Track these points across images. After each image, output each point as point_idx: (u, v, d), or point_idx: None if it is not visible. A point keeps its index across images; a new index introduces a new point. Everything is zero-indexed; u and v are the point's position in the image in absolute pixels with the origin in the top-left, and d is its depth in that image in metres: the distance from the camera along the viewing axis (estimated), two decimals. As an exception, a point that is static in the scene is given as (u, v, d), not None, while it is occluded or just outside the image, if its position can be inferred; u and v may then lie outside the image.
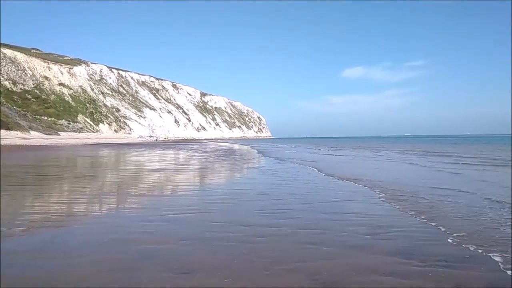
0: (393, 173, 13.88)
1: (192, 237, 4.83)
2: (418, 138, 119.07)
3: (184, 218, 6.01)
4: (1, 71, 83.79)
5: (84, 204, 7.23)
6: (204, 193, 9.14)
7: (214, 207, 6.93)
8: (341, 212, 6.51)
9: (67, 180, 11.76)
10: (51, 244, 4.52)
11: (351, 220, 5.89)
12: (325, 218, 6.03)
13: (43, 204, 7.34)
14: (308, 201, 7.68)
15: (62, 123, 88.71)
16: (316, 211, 6.64)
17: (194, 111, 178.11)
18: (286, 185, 10.28)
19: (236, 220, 5.84)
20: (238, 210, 6.76)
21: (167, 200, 7.88)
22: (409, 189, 8.82)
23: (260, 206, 7.06)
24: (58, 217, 6.12)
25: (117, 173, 14.14)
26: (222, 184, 11.43)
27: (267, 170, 15.15)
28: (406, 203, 7.21)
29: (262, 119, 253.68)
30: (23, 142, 48.60)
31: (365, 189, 9.22)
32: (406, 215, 6.22)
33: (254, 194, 8.61)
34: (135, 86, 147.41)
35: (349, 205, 7.22)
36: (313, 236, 4.90)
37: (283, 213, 6.41)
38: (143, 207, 6.98)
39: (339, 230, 5.25)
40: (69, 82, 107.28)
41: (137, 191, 9.34)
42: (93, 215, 6.29)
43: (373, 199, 7.75)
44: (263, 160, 22.29)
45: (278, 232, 5.11)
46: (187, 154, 28.80)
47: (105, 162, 21.94)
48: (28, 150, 32.87)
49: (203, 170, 15.87)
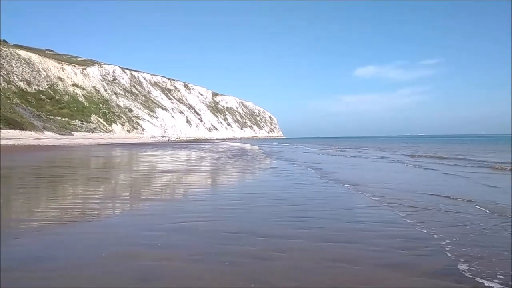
0: (417, 179, 13.11)
1: (202, 251, 4.23)
2: (432, 138, 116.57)
3: (194, 227, 5.41)
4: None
5: (86, 210, 6.70)
6: (215, 197, 8.55)
7: (226, 214, 6.34)
8: (368, 221, 5.84)
9: (71, 182, 11.32)
10: (41, 257, 3.98)
11: (382, 231, 5.22)
12: (352, 228, 5.37)
13: (42, 209, 6.84)
14: (329, 207, 7.03)
15: (76, 123, 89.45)
16: (340, 219, 5.98)
17: (205, 111, 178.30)
18: (302, 188, 9.63)
19: (250, 229, 5.22)
20: (253, 217, 6.14)
21: (176, 206, 7.31)
22: (430, 198, 8.09)
23: (276, 213, 6.43)
24: (55, 224, 5.59)
25: (125, 175, 13.67)
26: (234, 187, 10.83)
27: (281, 171, 14.50)
28: (431, 211, 6.50)
29: (273, 119, 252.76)
30: (36, 142, 48.88)
31: (389, 192, 8.52)
32: (439, 224, 5.51)
33: (269, 199, 7.99)
34: (148, 87, 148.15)
35: (376, 212, 6.54)
36: (341, 251, 4.25)
37: (303, 221, 5.77)
38: (149, 214, 6.42)
39: (370, 243, 4.59)
40: (82, 82, 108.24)
41: (144, 195, 8.80)
42: (94, 223, 5.74)
43: (400, 206, 7.05)
44: (276, 161, 21.64)
45: (300, 245, 4.48)
46: (199, 155, 28.32)
47: (115, 163, 21.58)
48: (40, 150, 32.84)
49: (214, 171, 15.31)
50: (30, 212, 6.58)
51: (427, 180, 11.67)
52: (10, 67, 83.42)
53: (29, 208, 7.02)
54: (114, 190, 9.68)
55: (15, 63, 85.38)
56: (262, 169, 16.58)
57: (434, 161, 19.60)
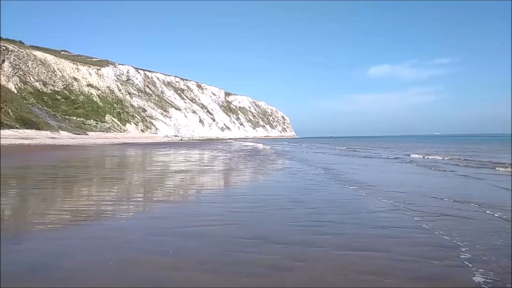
0: (433, 181, 12.60)
1: (215, 260, 3.91)
2: (447, 138, 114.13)
3: (206, 231, 5.10)
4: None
5: (96, 212, 6.46)
6: (228, 199, 8.22)
7: (240, 217, 6.01)
8: (391, 226, 5.44)
9: (84, 183, 11.17)
10: (44, 264, 3.71)
11: (407, 237, 4.83)
12: (375, 235, 4.98)
13: (51, 211, 6.63)
14: (347, 210, 6.64)
15: (91, 123, 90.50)
16: (362, 224, 5.59)
17: (218, 111, 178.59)
18: (318, 190, 9.25)
19: (266, 235, 4.89)
20: (268, 221, 5.80)
21: (188, 208, 7.02)
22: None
23: (293, 217, 6.08)
24: (62, 227, 5.36)
25: (137, 175, 13.49)
26: (248, 188, 10.50)
27: (295, 172, 14.12)
28: (453, 217, 6.06)
29: (286, 119, 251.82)
30: (52, 142, 49.49)
31: (407, 196, 8.09)
32: (464, 233, 5.09)
33: (284, 201, 7.64)
34: (161, 87, 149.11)
35: (398, 217, 6.13)
36: (367, 261, 3.88)
37: (322, 226, 5.41)
38: (161, 217, 6.14)
39: (398, 252, 4.21)
40: (97, 83, 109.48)
41: (157, 197, 8.55)
42: (103, 226, 5.47)
43: (421, 211, 6.62)
44: (289, 161, 21.25)
45: (320, 253, 4.13)
46: (212, 154, 28.12)
47: (128, 162, 21.50)
48: (55, 149, 33.11)
49: (227, 172, 15.02)
50: (39, 215, 6.37)
51: (443, 183, 11.16)
52: (27, 68, 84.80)
53: (39, 210, 6.82)
54: (126, 191, 9.46)
55: (31, 63, 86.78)
56: (276, 170, 16.23)
57: (449, 162, 18.95)
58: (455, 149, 34.48)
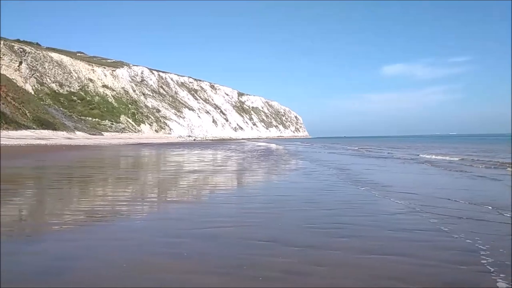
0: (451, 182, 12.29)
1: (231, 263, 3.81)
2: (464, 138, 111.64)
3: (221, 233, 5.01)
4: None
5: (109, 213, 6.44)
6: (243, 200, 8.11)
7: (255, 219, 5.91)
8: (412, 229, 5.26)
9: (98, 183, 11.23)
10: (54, 268, 3.67)
11: (429, 241, 4.65)
12: (396, 238, 4.82)
13: (65, 211, 6.64)
14: (365, 212, 6.47)
15: (106, 123, 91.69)
16: (381, 226, 5.42)
17: (231, 111, 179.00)
18: (334, 191, 9.09)
19: (282, 237, 4.77)
20: (284, 223, 5.68)
21: (202, 209, 6.94)
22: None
23: (309, 218, 5.95)
24: (74, 227, 5.34)
25: (152, 175, 13.52)
26: (262, 188, 10.39)
27: (310, 172, 13.96)
28: (475, 220, 5.83)
29: (299, 119, 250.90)
30: (68, 142, 50.29)
31: (429, 200, 7.87)
32: (488, 237, 4.88)
33: (300, 202, 7.52)
34: (175, 87, 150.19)
35: (417, 219, 5.93)
36: (390, 267, 3.73)
37: (340, 228, 5.26)
38: (175, 218, 6.08)
39: (421, 256, 4.05)
40: (112, 84, 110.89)
41: (170, 197, 8.52)
42: (115, 228, 5.43)
43: (440, 213, 6.41)
44: (303, 161, 21.08)
45: (341, 257, 3.99)
46: (225, 154, 28.12)
47: (142, 162, 21.64)
48: (71, 150, 33.59)
49: (241, 172, 14.95)
50: (54, 215, 6.38)
51: (459, 184, 10.86)
52: (43, 69, 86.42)
53: (53, 211, 6.85)
54: (140, 191, 9.46)
55: (47, 65, 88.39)
56: (290, 170, 16.09)
57: (465, 162, 18.50)
58: (473, 149, 33.74)
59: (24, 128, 56.80)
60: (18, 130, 54.41)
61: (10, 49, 78.86)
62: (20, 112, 62.05)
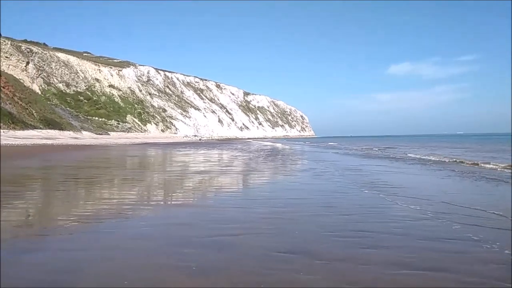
0: (471, 187, 11.70)
1: (249, 280, 3.34)
2: (472, 137, 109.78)
3: (233, 242, 4.54)
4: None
5: (111, 218, 6.00)
6: (254, 203, 7.56)
7: (268, 225, 5.42)
8: (444, 238, 4.74)
9: (101, 185, 10.82)
10: (52, 278, 3.23)
11: (465, 252, 4.14)
12: (428, 248, 4.30)
13: (62, 216, 6.21)
14: (388, 217, 5.96)
15: (112, 123, 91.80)
16: (409, 234, 4.91)
17: (237, 111, 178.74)
18: (349, 193, 8.58)
19: (303, 248, 4.29)
20: (302, 230, 5.19)
21: (211, 213, 6.46)
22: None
23: (329, 225, 5.46)
24: (72, 235, 4.88)
25: (157, 176, 13.10)
26: (272, 190, 9.89)
27: (321, 173, 13.44)
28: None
29: (305, 118, 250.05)
30: (74, 142, 50.20)
31: (454, 207, 7.34)
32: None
33: (316, 206, 7.02)
34: (181, 87, 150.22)
35: (446, 226, 5.41)
36: (431, 285, 3.23)
37: (364, 237, 4.77)
38: (181, 223, 5.61)
39: (461, 271, 3.55)
40: (118, 83, 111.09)
41: (176, 200, 8.07)
42: (118, 235, 4.97)
43: (472, 222, 5.89)
44: (312, 162, 20.56)
45: (373, 273, 3.49)
46: (231, 154, 27.67)
47: (148, 163, 21.26)
48: (76, 150, 33.36)
49: (249, 172, 14.48)
50: (49, 221, 5.95)
51: (477, 189, 10.29)
52: (50, 69, 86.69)
53: (49, 215, 6.43)
54: (144, 193, 9.02)
55: (54, 65, 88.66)
56: (300, 171, 15.58)
57: (476, 163, 17.86)
58: (487, 149, 32.98)
59: (31, 128, 56.88)
60: (25, 130, 54.48)
61: (17, 49, 79.18)
62: (27, 112, 62.20)
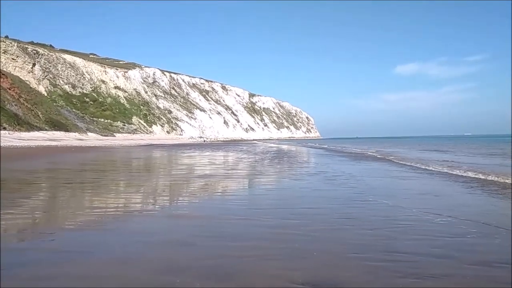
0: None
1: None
2: (480, 138, 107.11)
3: (240, 269, 3.73)
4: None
5: (103, 231, 5.22)
6: (261, 215, 6.64)
7: (281, 243, 4.62)
8: (497, 262, 3.91)
9: (98, 190, 10.07)
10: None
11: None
12: (485, 277, 3.47)
13: (49, 230, 5.44)
14: (422, 233, 5.13)
15: (118, 124, 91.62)
16: (456, 258, 4.05)
17: (242, 112, 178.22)
18: (368, 202, 7.75)
19: (327, 277, 3.48)
20: (320, 250, 4.36)
21: (216, 227, 5.64)
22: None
23: (352, 244, 4.64)
24: (58, 254, 4.10)
25: (157, 181, 12.35)
26: (282, 198, 8.98)
27: (332, 177, 12.60)
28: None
29: (310, 119, 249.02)
30: (79, 144, 49.75)
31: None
32: None
33: (331, 217, 6.21)
34: (186, 88, 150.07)
35: (494, 245, 4.57)
36: None
37: (400, 260, 3.93)
38: (174, 242, 4.76)
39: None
40: (124, 85, 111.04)
41: (173, 209, 7.27)
42: (89, 261, 4.20)
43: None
44: (320, 164, 19.70)
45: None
46: (237, 156, 26.89)
47: (150, 165, 20.55)
48: (81, 151, 32.79)
49: (256, 177, 13.67)
50: (35, 234, 5.19)
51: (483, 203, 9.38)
52: (56, 71, 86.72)
53: (36, 226, 5.66)
54: (143, 203, 8.25)
55: (60, 67, 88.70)
56: (309, 174, 14.73)
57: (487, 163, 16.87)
58: (498, 151, 31.88)
59: (36, 129, 56.63)
60: (30, 131, 54.22)
61: (23, 51, 79.24)
62: (32, 113, 62.04)
